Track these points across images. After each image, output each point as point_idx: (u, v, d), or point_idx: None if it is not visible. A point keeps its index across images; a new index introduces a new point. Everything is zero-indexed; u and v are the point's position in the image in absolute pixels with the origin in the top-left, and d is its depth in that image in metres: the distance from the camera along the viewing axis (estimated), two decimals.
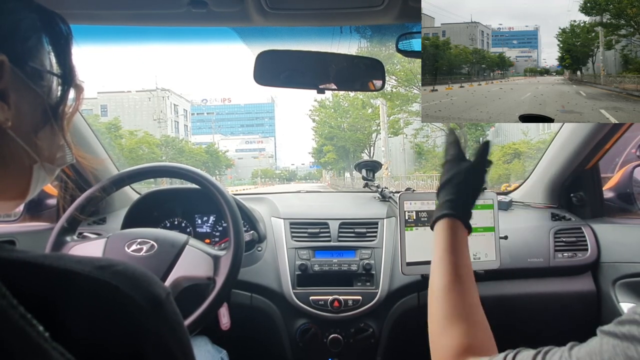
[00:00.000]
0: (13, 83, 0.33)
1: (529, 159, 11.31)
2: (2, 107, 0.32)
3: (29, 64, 0.35)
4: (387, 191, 1.42)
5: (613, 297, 1.11)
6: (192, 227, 1.33)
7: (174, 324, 0.35)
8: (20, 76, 0.34)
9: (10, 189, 0.36)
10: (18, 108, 0.33)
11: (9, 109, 0.32)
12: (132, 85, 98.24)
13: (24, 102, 0.34)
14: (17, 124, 0.33)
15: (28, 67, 0.35)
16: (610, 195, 1.40)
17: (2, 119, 0.32)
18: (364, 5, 0.71)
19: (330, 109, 21.87)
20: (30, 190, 0.37)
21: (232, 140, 73.96)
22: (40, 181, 0.38)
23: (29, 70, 0.35)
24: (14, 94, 0.33)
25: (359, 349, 1.13)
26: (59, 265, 0.31)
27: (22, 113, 0.34)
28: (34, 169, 0.36)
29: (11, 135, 0.33)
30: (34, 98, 0.35)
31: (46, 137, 0.37)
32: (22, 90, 0.34)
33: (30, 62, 0.35)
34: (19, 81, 0.34)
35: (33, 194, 0.38)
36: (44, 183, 0.38)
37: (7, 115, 0.32)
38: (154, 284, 0.35)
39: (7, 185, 0.35)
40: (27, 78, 0.34)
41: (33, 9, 0.36)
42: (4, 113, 0.32)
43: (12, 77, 0.32)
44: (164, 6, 0.71)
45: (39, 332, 0.26)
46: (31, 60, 0.35)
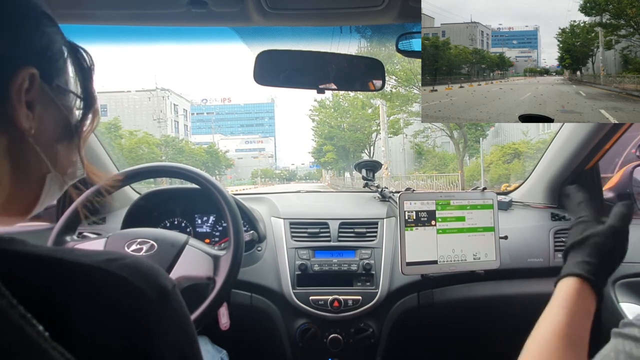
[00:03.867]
0: (40, 96, 0.36)
1: (529, 159, 11.31)
2: (28, 115, 0.35)
3: (56, 81, 0.38)
4: (387, 191, 1.42)
5: (613, 297, 1.11)
6: (192, 227, 1.33)
7: (180, 315, 0.37)
8: (47, 91, 0.37)
9: (23, 198, 0.37)
10: (41, 120, 0.36)
11: (33, 119, 0.35)
12: (132, 85, 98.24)
13: (47, 115, 0.37)
14: (38, 133, 0.36)
15: (54, 84, 0.38)
16: (610, 195, 1.40)
17: (27, 126, 0.34)
18: (364, 5, 0.71)
19: (330, 109, 21.86)
20: (40, 201, 0.39)
21: (232, 140, 73.92)
22: (50, 193, 0.39)
23: (55, 87, 0.38)
24: (40, 106, 0.36)
25: (359, 349, 1.13)
26: (70, 258, 0.33)
27: (45, 125, 0.37)
28: (47, 178, 0.38)
29: (31, 144, 0.36)
30: (56, 113, 0.38)
31: (63, 151, 0.40)
32: (47, 104, 0.37)
33: (57, 80, 0.38)
34: (46, 95, 0.37)
35: (41, 206, 0.39)
36: (53, 196, 0.40)
37: (31, 124, 0.35)
38: (161, 276, 0.36)
39: (21, 193, 0.37)
40: (52, 94, 0.37)
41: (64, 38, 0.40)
42: (28, 122, 0.35)
43: (40, 91, 0.36)
44: (164, 6, 0.71)
45: (39, 331, 0.26)
46: (57, 79, 0.38)
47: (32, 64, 0.35)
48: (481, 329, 1.23)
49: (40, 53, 0.36)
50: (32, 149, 0.36)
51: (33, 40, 0.36)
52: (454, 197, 1.08)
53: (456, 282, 1.16)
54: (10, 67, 0.33)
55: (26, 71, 0.34)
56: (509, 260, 1.16)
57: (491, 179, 11.32)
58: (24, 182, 0.37)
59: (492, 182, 10.99)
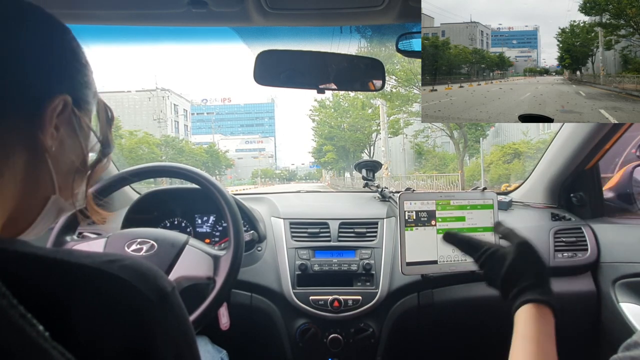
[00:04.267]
0: (67, 123, 0.39)
1: (529, 159, 11.30)
2: (53, 134, 0.37)
3: (83, 116, 0.42)
4: (387, 191, 1.42)
5: (613, 297, 1.11)
6: (192, 227, 1.33)
7: (179, 317, 0.37)
8: (74, 121, 0.40)
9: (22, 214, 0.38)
10: (62, 144, 0.39)
11: (56, 139, 0.38)
12: (132, 85, 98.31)
13: (69, 142, 0.40)
14: (56, 156, 0.39)
15: (81, 119, 0.41)
16: (610, 195, 1.40)
17: (49, 144, 0.37)
18: (364, 5, 0.71)
19: (330, 109, 21.85)
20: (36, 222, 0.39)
21: (232, 140, 73.90)
22: (47, 215, 0.40)
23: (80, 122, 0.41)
24: (64, 131, 0.39)
25: (359, 349, 1.13)
26: (70, 259, 0.33)
27: (64, 149, 0.40)
28: (50, 201, 0.39)
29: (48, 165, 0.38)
30: (77, 143, 0.41)
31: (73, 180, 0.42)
32: (71, 132, 0.40)
33: (84, 114, 0.42)
34: (71, 124, 0.40)
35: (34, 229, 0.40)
36: (48, 221, 0.41)
37: (53, 143, 0.38)
38: (160, 278, 0.37)
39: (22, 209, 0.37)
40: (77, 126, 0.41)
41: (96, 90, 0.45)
42: (52, 140, 0.37)
43: (68, 118, 0.39)
44: (164, 6, 0.71)
45: (39, 331, 0.26)
46: (84, 114, 0.42)
47: (69, 93, 0.39)
48: (481, 329, 1.23)
49: (78, 88, 0.41)
50: (47, 169, 0.38)
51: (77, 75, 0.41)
52: (454, 197, 1.08)
53: (456, 282, 1.16)
54: (51, 91, 0.37)
55: (63, 97, 0.38)
56: None
57: (491, 179, 11.32)
58: (29, 200, 0.38)
59: (492, 182, 10.99)
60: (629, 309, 1.07)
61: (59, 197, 0.40)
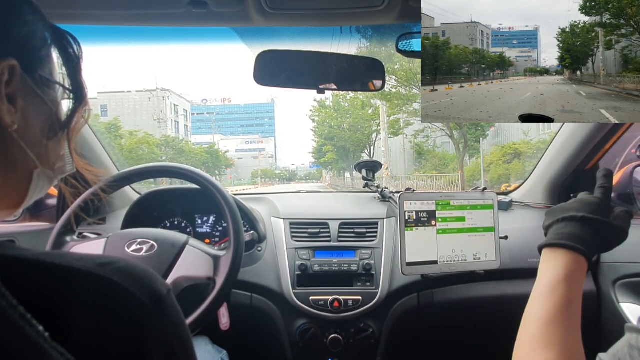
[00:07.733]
0: (22, 89, 0.34)
1: (529, 159, 11.31)
2: (10, 110, 0.33)
3: (39, 72, 0.36)
4: (387, 191, 1.42)
5: (613, 297, 1.11)
6: (192, 227, 1.33)
7: (175, 320, 0.36)
8: (30, 83, 0.35)
9: (10, 194, 0.36)
10: (25, 114, 0.35)
11: (15, 113, 0.33)
12: (132, 85, 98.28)
13: (31, 110, 0.36)
14: (22, 128, 0.34)
15: (37, 76, 0.36)
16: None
17: (9, 121, 0.33)
18: (364, 5, 0.71)
19: (331, 109, 21.86)
20: (28, 196, 0.38)
21: (232, 141, 73.95)
22: (38, 188, 0.38)
23: (38, 78, 0.36)
24: (22, 100, 0.34)
25: (359, 349, 1.13)
26: (61, 262, 0.32)
27: (29, 120, 0.35)
28: (34, 174, 0.37)
29: (16, 140, 0.34)
30: (41, 106, 0.37)
31: (51, 146, 0.38)
32: (30, 97, 0.35)
33: (40, 71, 0.36)
34: (28, 88, 0.35)
35: (30, 201, 0.38)
36: (42, 191, 0.39)
37: (14, 119, 0.33)
38: (154, 281, 0.35)
39: (8, 189, 0.36)
40: (35, 86, 0.36)
41: (48, 25, 0.38)
42: (11, 116, 0.33)
43: (21, 83, 0.34)
44: (164, 6, 0.71)
45: (39, 332, 0.26)
46: (41, 70, 0.36)
47: (11, 55, 0.33)
48: (481, 329, 1.23)
49: (20, 43, 0.34)
50: (17, 145, 0.34)
51: (12, 29, 0.34)
52: (454, 198, 1.08)
53: (456, 282, 1.16)
54: None
55: (5, 63, 0.32)
56: (509, 261, 1.16)
57: (491, 179, 11.32)
58: (10, 179, 0.35)
59: (492, 182, 10.99)
60: (629, 309, 1.07)
61: (42, 169, 0.37)
